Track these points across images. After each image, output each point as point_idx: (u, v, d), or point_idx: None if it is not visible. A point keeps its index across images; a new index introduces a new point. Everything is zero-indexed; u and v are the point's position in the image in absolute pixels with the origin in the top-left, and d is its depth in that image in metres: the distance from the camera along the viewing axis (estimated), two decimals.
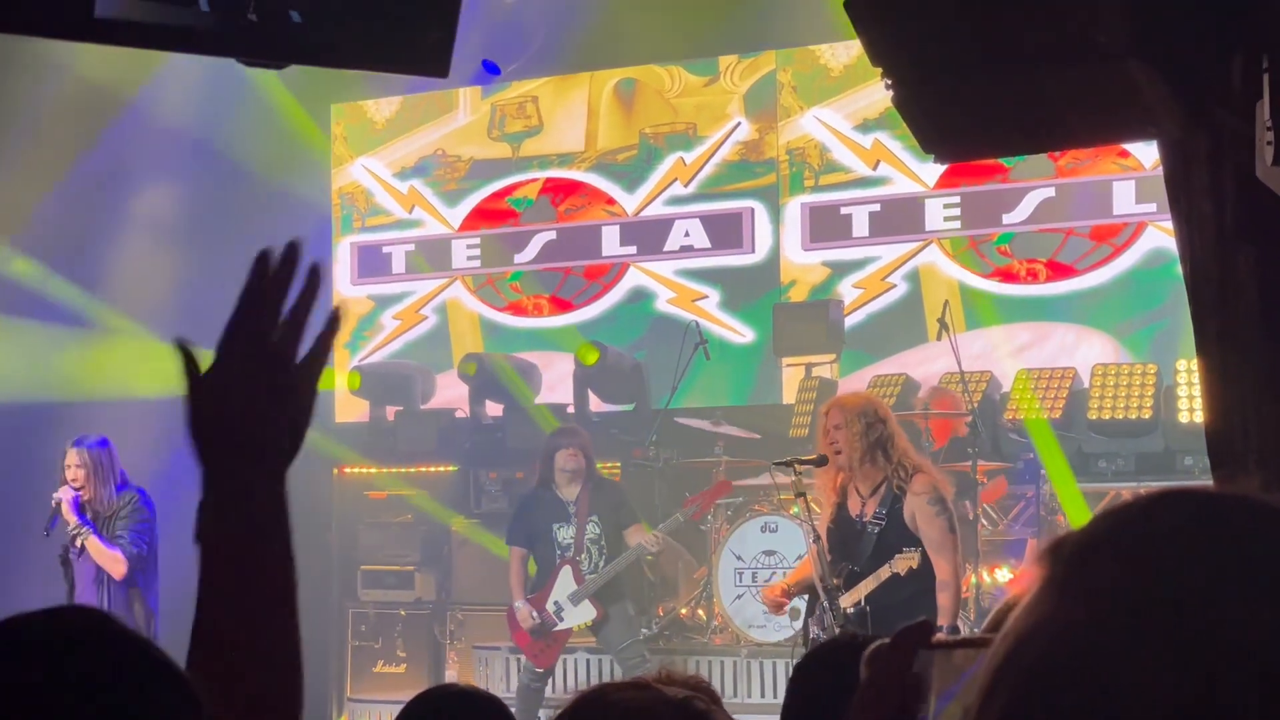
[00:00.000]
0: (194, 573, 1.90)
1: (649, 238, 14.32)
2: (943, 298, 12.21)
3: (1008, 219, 12.98)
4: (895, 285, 13.40)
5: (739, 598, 11.03)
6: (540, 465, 11.22)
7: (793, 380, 13.24)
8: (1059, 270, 12.86)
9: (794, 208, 13.82)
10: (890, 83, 4.13)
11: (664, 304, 14.24)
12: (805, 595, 8.60)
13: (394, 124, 15.37)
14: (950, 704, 1.48)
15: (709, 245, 14.11)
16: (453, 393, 14.02)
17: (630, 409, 13.54)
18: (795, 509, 9.04)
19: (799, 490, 8.50)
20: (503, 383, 13.57)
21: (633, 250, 14.37)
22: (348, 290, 15.37)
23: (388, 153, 15.38)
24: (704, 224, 14.14)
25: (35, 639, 1.64)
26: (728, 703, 4.72)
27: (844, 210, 13.60)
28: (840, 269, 13.60)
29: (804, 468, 8.54)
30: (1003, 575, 11.12)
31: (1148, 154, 11.85)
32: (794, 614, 9.29)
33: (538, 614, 10.95)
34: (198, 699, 1.68)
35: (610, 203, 14.49)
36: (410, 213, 15.26)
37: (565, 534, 10.99)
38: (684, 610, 11.78)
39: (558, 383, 13.79)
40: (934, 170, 13.03)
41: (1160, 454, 11.42)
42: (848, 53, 13.24)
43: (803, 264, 13.77)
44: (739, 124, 14.06)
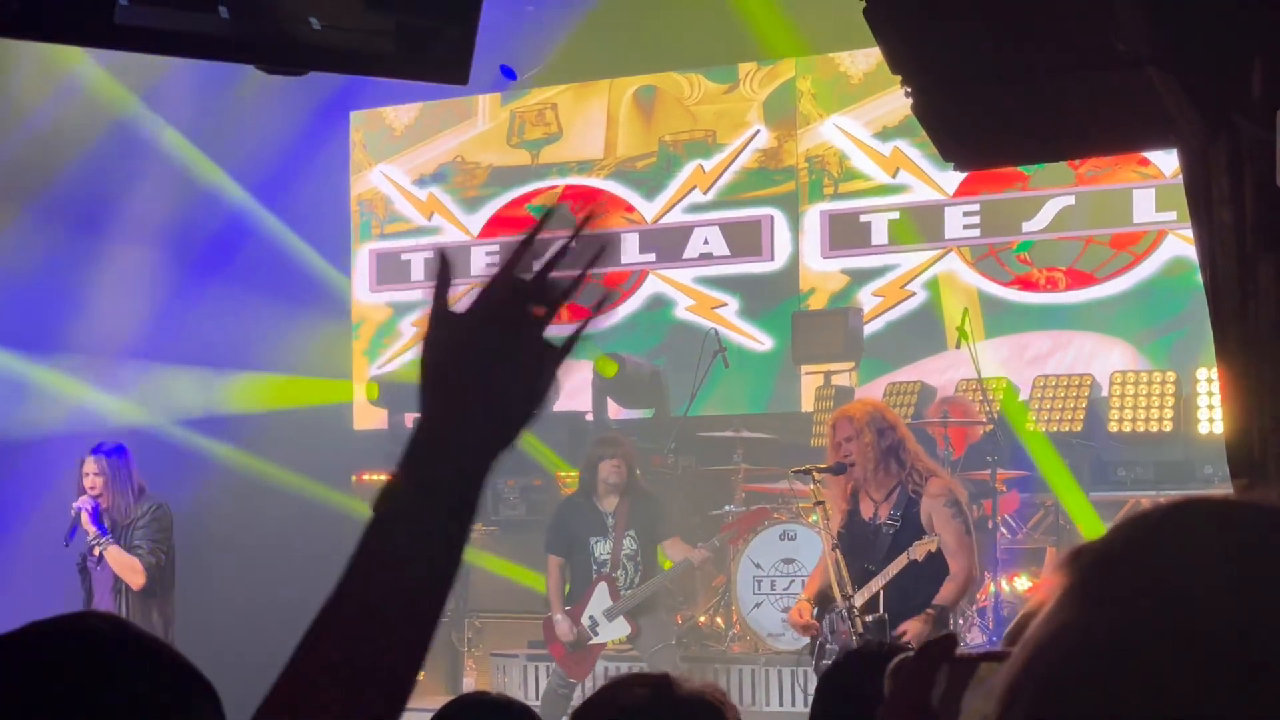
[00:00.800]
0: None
1: (668, 245, 14.32)
2: (962, 306, 12.19)
3: (1027, 227, 12.96)
4: (914, 293, 13.38)
5: (757, 605, 11.01)
6: (582, 474, 11.17)
7: (812, 388, 13.23)
8: (1078, 278, 12.83)
9: (813, 215, 13.81)
10: (910, 91, 4.13)
11: (683, 311, 14.23)
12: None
13: (413, 131, 15.39)
14: (969, 713, 1.48)
15: (728, 253, 14.11)
16: None
17: (649, 416, 13.53)
18: (814, 517, 9.03)
19: (817, 498, 8.50)
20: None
21: (652, 258, 14.37)
22: (366, 297, 15.39)
23: (406, 160, 15.40)
24: (723, 231, 14.13)
25: (55, 644, 1.64)
26: (746, 711, 4.72)
27: (863, 218, 13.59)
28: (859, 277, 13.59)
29: (822, 476, 8.55)
30: (1022, 584, 11.09)
31: (1168, 162, 11.83)
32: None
33: (575, 628, 10.90)
34: (217, 699, 1.69)
35: (629, 210, 14.49)
36: (429, 220, 15.28)
37: (602, 548, 10.93)
38: (702, 618, 11.76)
39: (576, 390, 13.78)
40: (953, 178, 13.01)
41: (1180, 462, 11.39)
42: (867, 60, 13.23)
43: (822, 271, 13.75)
44: (758, 131, 14.06)
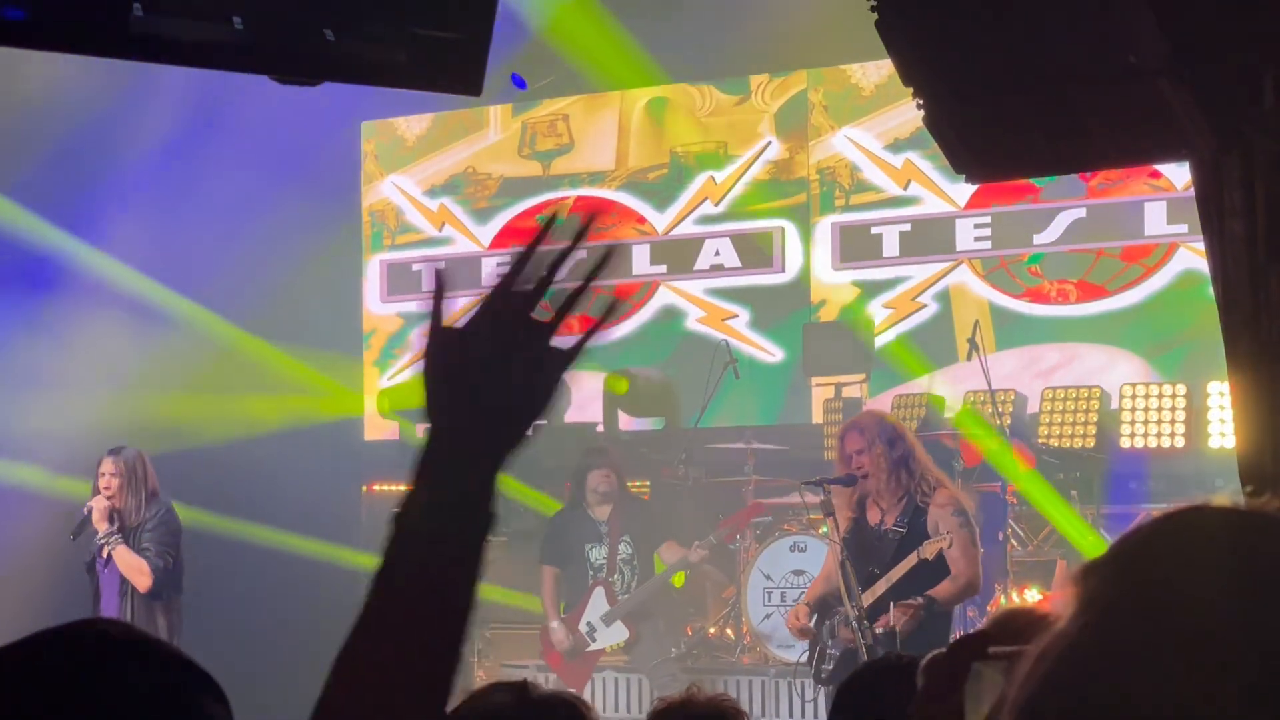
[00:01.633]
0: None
1: (679, 257, 14.32)
2: (973, 318, 12.19)
3: (1038, 239, 12.96)
4: (925, 305, 13.38)
5: (768, 617, 11.01)
6: (571, 485, 11.23)
7: (822, 400, 13.23)
8: (1090, 291, 12.83)
9: (824, 227, 13.81)
10: (921, 102, 4.14)
11: (694, 323, 14.24)
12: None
13: (425, 142, 15.41)
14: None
15: (739, 264, 14.11)
16: None
17: (659, 428, 13.54)
18: (824, 529, 9.03)
19: (828, 510, 8.50)
20: None
21: (663, 269, 14.37)
22: (377, 308, 15.41)
23: (418, 170, 15.42)
24: (734, 243, 14.14)
25: (64, 650, 1.65)
26: None
27: (874, 230, 13.59)
28: (870, 289, 13.59)
29: (832, 487, 8.56)
30: (1032, 595, 11.08)
31: (1179, 175, 11.83)
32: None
33: (572, 635, 10.94)
34: (226, 701, 1.70)
35: (641, 221, 14.50)
36: (440, 230, 15.30)
37: (597, 554, 10.99)
38: (712, 629, 11.76)
39: (587, 401, 13.79)
40: (965, 190, 13.01)
41: (1191, 475, 11.38)
42: (879, 72, 13.24)
43: (833, 283, 13.76)
44: (770, 143, 14.06)
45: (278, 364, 14.14)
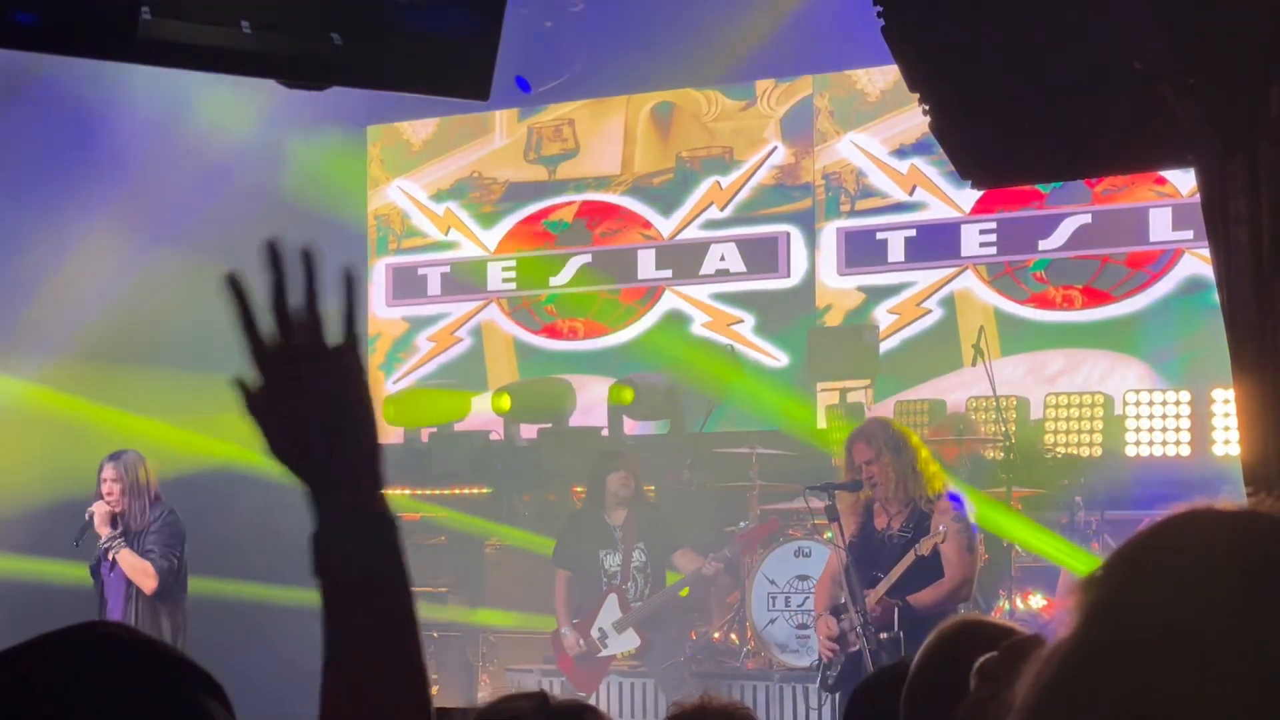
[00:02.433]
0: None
1: (685, 261, 14.33)
2: (978, 323, 12.19)
3: (1044, 245, 12.95)
4: (930, 311, 13.38)
5: (772, 622, 11.01)
6: (589, 488, 11.20)
7: (827, 405, 13.23)
8: (1094, 297, 12.82)
9: (830, 232, 13.81)
10: (927, 108, 4.14)
11: (699, 327, 14.24)
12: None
13: (430, 146, 15.42)
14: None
15: (744, 269, 14.11)
16: (487, 415, 14.04)
17: (664, 432, 13.54)
18: (829, 534, 9.04)
19: (833, 515, 8.51)
20: (536, 408, 13.60)
21: (668, 274, 14.38)
22: (383, 312, 15.42)
23: (424, 174, 15.43)
24: (740, 248, 14.14)
25: (68, 654, 1.65)
26: None
27: (880, 235, 13.59)
28: (875, 294, 13.59)
29: (837, 493, 8.56)
30: (1036, 602, 11.07)
31: (1184, 181, 11.82)
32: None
33: (584, 641, 10.93)
34: (229, 704, 1.71)
35: (646, 226, 14.51)
36: (446, 234, 15.30)
37: (612, 561, 10.96)
38: (717, 634, 11.75)
39: (592, 406, 13.80)
40: (970, 196, 13.01)
41: (1197, 482, 11.36)
42: (885, 78, 13.24)
43: (838, 289, 13.76)
44: (775, 148, 14.07)
45: None
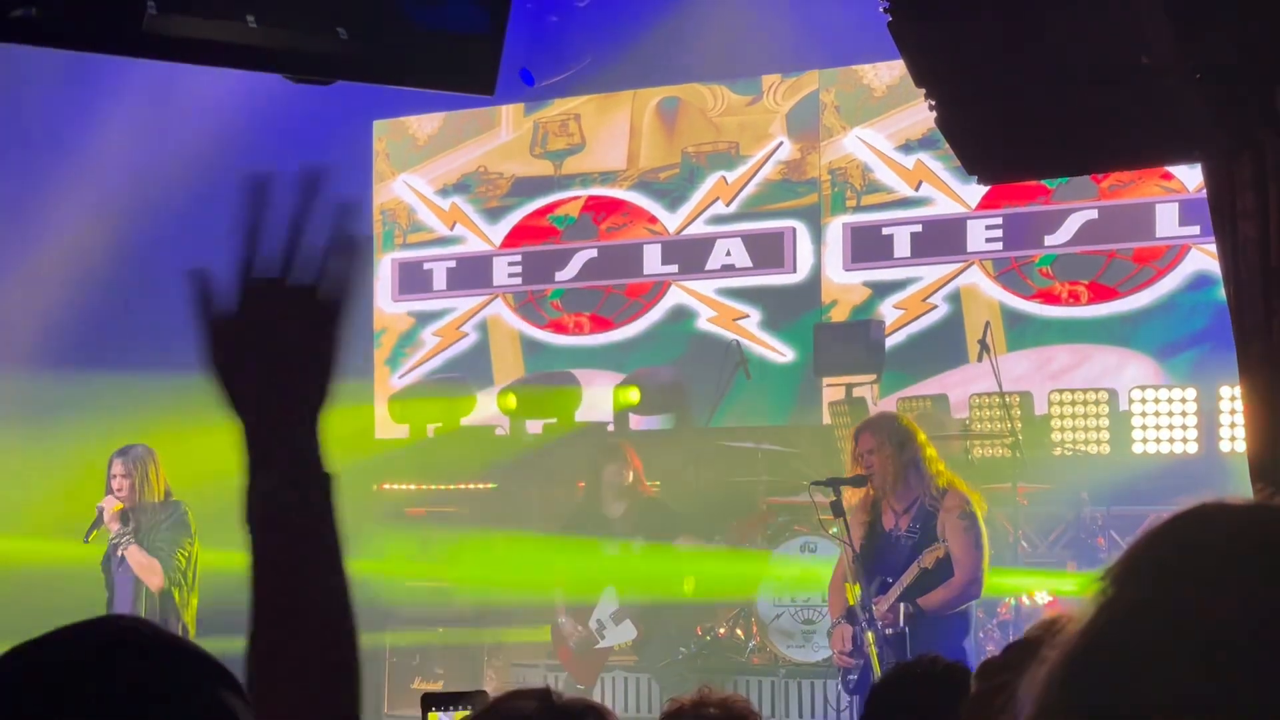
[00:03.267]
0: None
1: (690, 257, 14.33)
2: (984, 319, 12.18)
3: (1050, 240, 12.95)
4: (936, 306, 13.37)
5: (778, 617, 11.01)
6: (588, 481, 11.23)
7: (835, 400, 13.22)
8: (1101, 292, 12.81)
9: (835, 228, 13.81)
10: (933, 104, 4.14)
11: (705, 323, 14.24)
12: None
13: (436, 141, 15.42)
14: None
15: (750, 265, 14.11)
16: (493, 410, 14.04)
17: (670, 427, 13.54)
18: (834, 529, 9.03)
19: (839, 511, 8.50)
20: (542, 404, 13.62)
21: (674, 269, 14.38)
22: (389, 307, 15.42)
23: (430, 169, 15.43)
24: (745, 243, 14.14)
25: (81, 648, 1.65)
26: None
27: (886, 231, 13.59)
28: (881, 289, 13.58)
29: (844, 488, 8.56)
30: (1042, 597, 11.07)
31: (1191, 176, 11.82)
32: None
33: (580, 629, 10.96)
34: (245, 697, 1.70)
35: (652, 221, 14.50)
36: (452, 229, 15.31)
37: (610, 551, 10.98)
38: (722, 630, 11.76)
39: (598, 401, 13.80)
40: (976, 191, 13.00)
41: (1203, 478, 11.36)
42: (891, 73, 13.23)
43: (844, 284, 13.75)
44: (781, 143, 14.06)
45: None
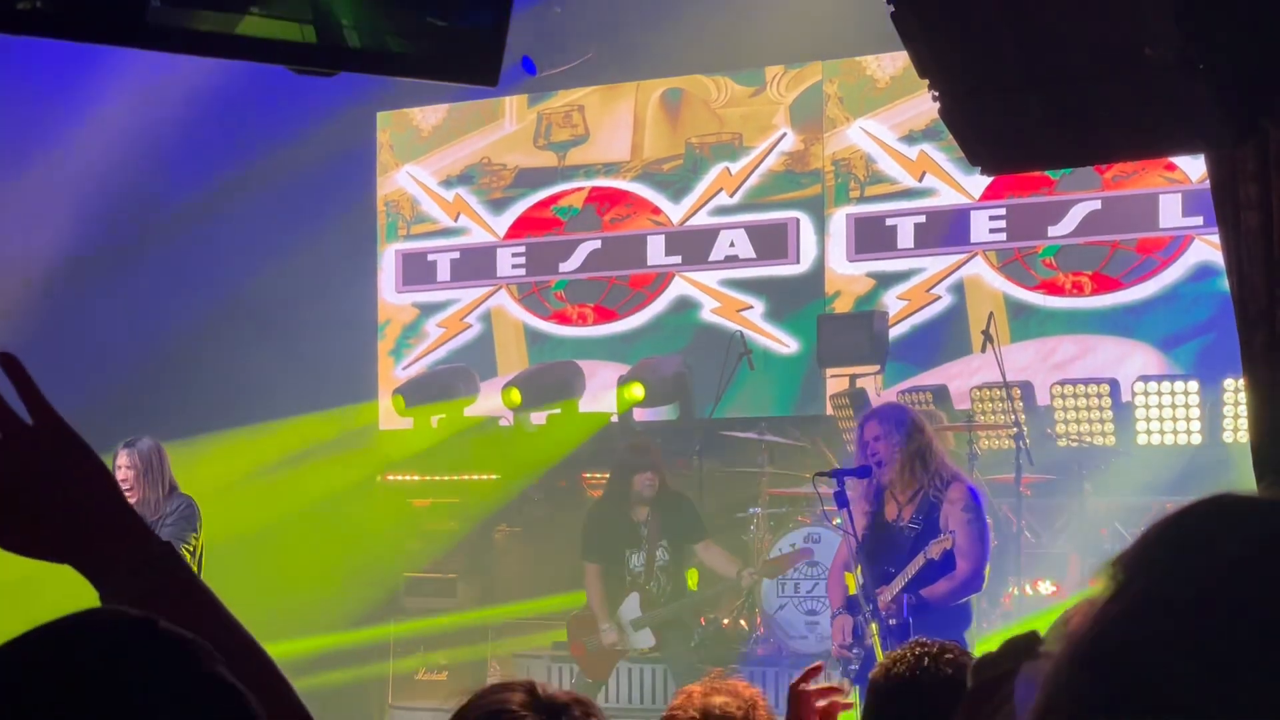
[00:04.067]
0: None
1: (694, 247, 14.33)
2: (987, 310, 12.18)
3: (1053, 231, 12.95)
4: (940, 297, 13.37)
5: (781, 608, 11.02)
6: (613, 482, 11.15)
7: (836, 391, 13.22)
8: (1104, 283, 12.81)
9: (839, 219, 13.81)
10: (937, 95, 4.13)
11: (708, 314, 14.24)
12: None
13: (440, 132, 15.42)
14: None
15: (754, 255, 14.11)
16: (496, 401, 14.04)
17: (674, 418, 13.55)
18: (838, 520, 9.04)
19: (843, 502, 8.50)
20: (546, 395, 13.62)
21: (677, 260, 14.38)
22: (393, 298, 15.43)
23: (433, 160, 15.43)
24: (749, 234, 14.14)
25: (85, 639, 1.65)
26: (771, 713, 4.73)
27: (889, 222, 13.59)
28: (885, 280, 13.58)
29: (848, 479, 8.56)
30: (1045, 588, 11.07)
31: (1194, 167, 11.81)
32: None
33: (617, 632, 10.90)
34: (248, 696, 1.70)
35: (655, 212, 14.50)
36: (455, 221, 15.31)
37: (636, 559, 10.92)
38: (726, 620, 11.76)
39: (601, 391, 13.81)
40: (980, 182, 13.00)
41: (1207, 469, 11.36)
42: (894, 64, 13.23)
43: (847, 275, 13.75)
44: (785, 134, 14.06)
45: (290, 369, 14.08)
